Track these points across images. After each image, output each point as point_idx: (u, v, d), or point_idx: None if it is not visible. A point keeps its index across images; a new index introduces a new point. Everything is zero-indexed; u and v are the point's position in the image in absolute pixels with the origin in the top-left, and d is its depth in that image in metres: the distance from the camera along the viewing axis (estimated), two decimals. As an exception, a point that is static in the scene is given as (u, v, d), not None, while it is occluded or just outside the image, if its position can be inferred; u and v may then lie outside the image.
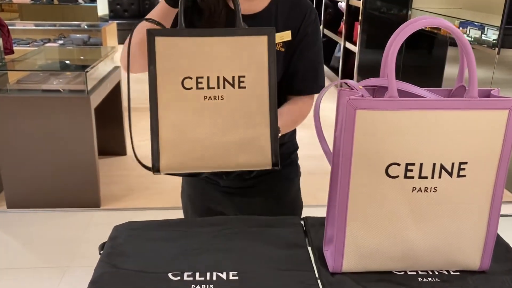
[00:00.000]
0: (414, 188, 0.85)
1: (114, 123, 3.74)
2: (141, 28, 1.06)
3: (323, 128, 0.94)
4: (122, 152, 3.85)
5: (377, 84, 0.87)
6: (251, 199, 1.39)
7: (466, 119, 0.82)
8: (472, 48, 0.81)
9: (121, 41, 5.66)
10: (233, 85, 0.99)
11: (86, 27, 5.16)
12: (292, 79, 1.29)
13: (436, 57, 5.44)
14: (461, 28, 4.47)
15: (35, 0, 6.67)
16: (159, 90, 0.99)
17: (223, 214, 1.40)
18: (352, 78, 5.45)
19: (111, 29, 4.81)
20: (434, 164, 0.84)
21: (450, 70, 5.61)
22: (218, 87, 0.98)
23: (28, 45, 4.54)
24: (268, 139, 1.01)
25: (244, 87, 0.99)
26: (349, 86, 0.86)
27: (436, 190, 0.86)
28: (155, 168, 1.07)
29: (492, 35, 4.00)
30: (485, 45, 3.91)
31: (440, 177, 0.85)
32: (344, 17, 5.91)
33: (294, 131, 1.43)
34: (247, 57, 0.99)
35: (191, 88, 0.98)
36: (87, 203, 3.05)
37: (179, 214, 3.06)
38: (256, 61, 1.00)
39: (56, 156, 2.93)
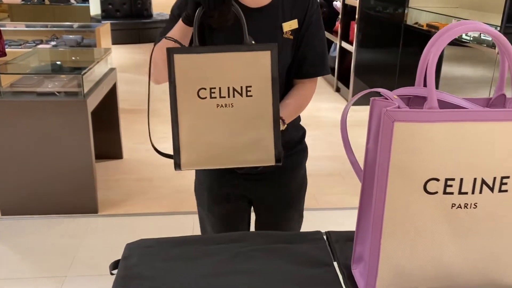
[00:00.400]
0: (453, 205, 0.80)
1: (109, 126, 3.66)
2: (163, 44, 1.22)
3: (323, 129, 0.88)
4: (118, 155, 3.77)
5: (413, 94, 0.82)
6: (268, 182, 1.51)
7: (511, 131, 0.77)
8: (471, 47, 0.76)
9: (114, 42, 5.57)
10: (241, 94, 1.16)
11: (78, 27, 5.06)
12: (301, 64, 1.40)
13: (433, 56, 5.40)
14: (458, 27, 4.43)
15: (26, 0, 6.55)
16: (178, 100, 1.16)
17: (243, 197, 1.54)
18: (348, 78, 5.41)
19: (104, 30, 4.72)
20: (475, 179, 0.79)
21: (446, 69, 5.58)
22: (229, 96, 1.15)
23: (20, 47, 4.44)
24: (271, 140, 1.19)
25: (251, 96, 1.16)
26: (382, 95, 0.81)
27: (476, 206, 0.80)
28: (176, 165, 1.22)
29: (491, 34, 3.97)
30: (485, 45, 3.88)
31: (481, 192, 0.80)
32: (339, 16, 5.86)
33: (299, 116, 1.53)
34: (253, 69, 1.15)
35: (206, 97, 1.15)
36: (84, 209, 2.97)
37: (179, 219, 3.01)
38: (261, 73, 1.16)
39: (52, 161, 2.85)
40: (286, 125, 1.31)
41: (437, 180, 0.78)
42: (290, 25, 1.35)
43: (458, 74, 5.85)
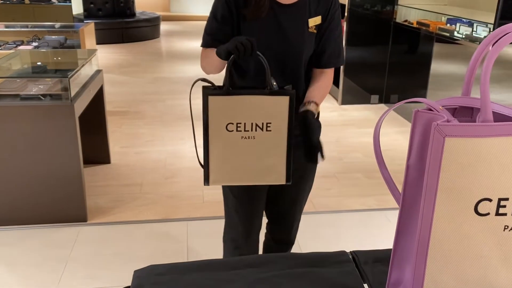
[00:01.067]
0: (506, 227, 0.72)
1: (96, 130, 3.53)
2: (213, 59, 1.49)
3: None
4: (105, 160, 3.64)
5: (460, 104, 0.74)
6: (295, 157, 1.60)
7: None
8: (462, 45, 0.68)
9: (97, 42, 5.42)
10: (262, 129, 1.42)
11: (60, 27, 4.90)
12: (321, 55, 1.58)
13: (422, 54, 5.38)
14: (448, 25, 4.40)
15: (4, 0, 6.34)
16: (210, 131, 1.42)
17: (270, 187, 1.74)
18: (338, 77, 5.34)
19: (89, 30, 4.57)
20: (530, 198, 0.71)
21: (436, 66, 5.56)
22: (251, 130, 1.42)
23: (0, 48, 4.27)
24: (284, 166, 1.48)
25: (270, 130, 1.42)
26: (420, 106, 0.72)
27: (530, 227, 0.73)
28: (206, 181, 1.49)
29: (482, 32, 3.94)
30: (478, 42, 3.84)
31: (535, 212, 0.72)
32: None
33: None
34: (274, 110, 1.41)
35: (232, 130, 1.42)
36: (73, 217, 2.85)
37: (172, 226, 2.90)
38: (280, 113, 1.41)
39: (38, 168, 2.72)
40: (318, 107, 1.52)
41: (490, 200, 0.70)
42: (315, 21, 1.53)
43: (448, 71, 5.84)
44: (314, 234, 2.74)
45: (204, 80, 1.43)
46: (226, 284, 0.86)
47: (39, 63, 3.13)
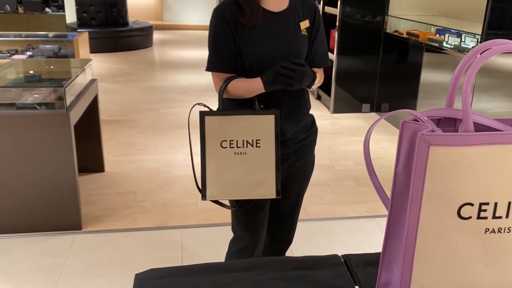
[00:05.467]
0: (487, 229, 0.77)
1: (90, 139, 3.56)
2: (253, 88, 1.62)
3: None
4: (99, 168, 3.67)
5: (444, 115, 0.79)
6: (292, 158, 1.78)
7: (546, 153, 0.74)
8: (450, 54, 0.74)
9: (92, 51, 5.46)
10: (252, 145, 1.58)
11: (54, 37, 4.93)
12: (315, 56, 1.72)
13: (412, 63, 5.47)
14: (437, 35, 4.49)
15: (-2, 9, 6.37)
16: (206, 148, 1.58)
17: None
18: (329, 86, 5.41)
19: (82, 39, 4.61)
20: (509, 203, 0.76)
21: (426, 76, 5.65)
22: (243, 146, 1.58)
23: (-6, 57, 4.29)
24: (273, 180, 1.62)
25: (259, 146, 1.59)
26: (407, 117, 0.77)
27: (510, 230, 0.78)
28: (203, 196, 1.62)
29: (470, 42, 4.03)
30: (466, 53, 3.92)
31: (514, 216, 0.77)
32: (319, 24, 5.87)
33: (310, 105, 1.85)
34: (262, 128, 1.58)
35: (226, 147, 1.58)
36: (68, 225, 2.87)
37: (166, 234, 2.93)
38: (267, 130, 1.58)
39: (33, 176, 2.74)
40: (315, 85, 1.66)
41: (471, 205, 0.75)
42: (305, 24, 1.68)
43: (437, 81, 5.93)
44: (307, 241, 2.78)
45: (201, 104, 1.64)
46: (225, 286, 0.90)
47: (31, 72, 3.16)
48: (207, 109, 1.61)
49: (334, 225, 3.04)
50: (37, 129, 2.67)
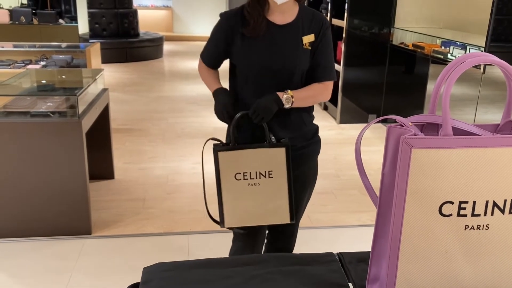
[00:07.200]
0: (466, 226, 0.84)
1: (101, 146, 3.65)
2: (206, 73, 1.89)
3: None
4: (109, 176, 3.76)
5: (426, 121, 0.86)
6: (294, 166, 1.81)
7: (520, 156, 0.81)
8: None
9: (103, 61, 5.58)
10: (265, 176, 1.66)
11: (67, 47, 5.07)
12: (316, 69, 1.75)
13: (418, 74, 5.53)
14: (443, 48, 4.56)
15: (13, 20, 6.53)
16: (222, 181, 1.68)
17: None
18: (336, 96, 5.48)
19: (94, 50, 4.73)
20: (487, 202, 0.83)
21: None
22: (256, 178, 1.66)
23: (9, 67, 4.42)
24: (287, 207, 1.71)
25: (272, 177, 1.66)
26: (397, 122, 0.84)
27: (488, 227, 0.84)
28: (222, 223, 1.73)
29: (474, 54, 4.08)
30: (470, 64, 3.97)
31: (492, 214, 0.83)
32: (326, 36, 5.96)
33: (313, 115, 1.88)
34: (274, 160, 1.66)
35: (240, 179, 1.67)
36: (78, 230, 2.95)
37: (173, 240, 3.00)
38: (279, 161, 1.66)
39: (45, 182, 2.83)
40: (291, 104, 1.67)
41: (452, 203, 0.82)
42: (308, 38, 1.72)
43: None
44: (310, 248, 2.83)
45: (214, 139, 1.71)
46: (225, 279, 0.97)
47: (45, 81, 3.27)
48: (219, 144, 1.69)
49: (337, 233, 3.10)
50: (50, 136, 2.77)
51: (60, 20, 6.75)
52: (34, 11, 6.99)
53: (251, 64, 1.71)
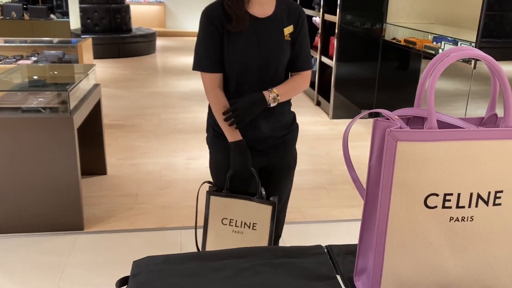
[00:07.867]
0: (451, 218, 0.85)
1: (93, 142, 3.65)
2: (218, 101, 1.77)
3: (305, 143, 0.93)
4: (102, 171, 3.75)
5: (412, 114, 0.87)
6: (274, 154, 1.90)
7: (503, 149, 0.82)
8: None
9: (95, 56, 5.56)
10: (249, 227, 1.78)
11: (58, 42, 5.04)
12: (296, 61, 1.79)
13: (411, 70, 5.56)
14: (434, 43, 4.58)
15: (4, 16, 6.48)
16: (209, 222, 1.84)
17: (255, 165, 1.83)
18: (328, 92, 5.50)
19: (86, 45, 4.71)
20: (471, 194, 0.84)
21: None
22: (241, 227, 1.79)
23: (0, 62, 4.40)
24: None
25: (255, 229, 1.78)
26: (384, 116, 0.85)
27: (472, 219, 0.85)
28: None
29: (466, 49, 4.10)
30: (461, 60, 4.00)
31: (476, 206, 0.85)
32: (319, 31, 5.98)
33: (290, 103, 1.90)
34: (260, 214, 1.77)
35: (226, 224, 1.81)
36: (70, 226, 2.95)
37: (166, 235, 3.01)
38: (264, 217, 1.77)
39: (37, 178, 2.83)
40: (277, 102, 1.71)
41: (437, 195, 0.83)
42: (288, 30, 1.74)
43: (436, 87, 6.01)
44: (303, 242, 2.84)
45: (209, 182, 1.87)
46: (215, 272, 0.98)
47: (36, 77, 3.26)
48: (213, 188, 1.84)
49: (329, 228, 3.11)
50: (41, 132, 2.76)
51: (52, 15, 6.70)
52: (25, 6, 6.94)
53: (235, 60, 1.69)
